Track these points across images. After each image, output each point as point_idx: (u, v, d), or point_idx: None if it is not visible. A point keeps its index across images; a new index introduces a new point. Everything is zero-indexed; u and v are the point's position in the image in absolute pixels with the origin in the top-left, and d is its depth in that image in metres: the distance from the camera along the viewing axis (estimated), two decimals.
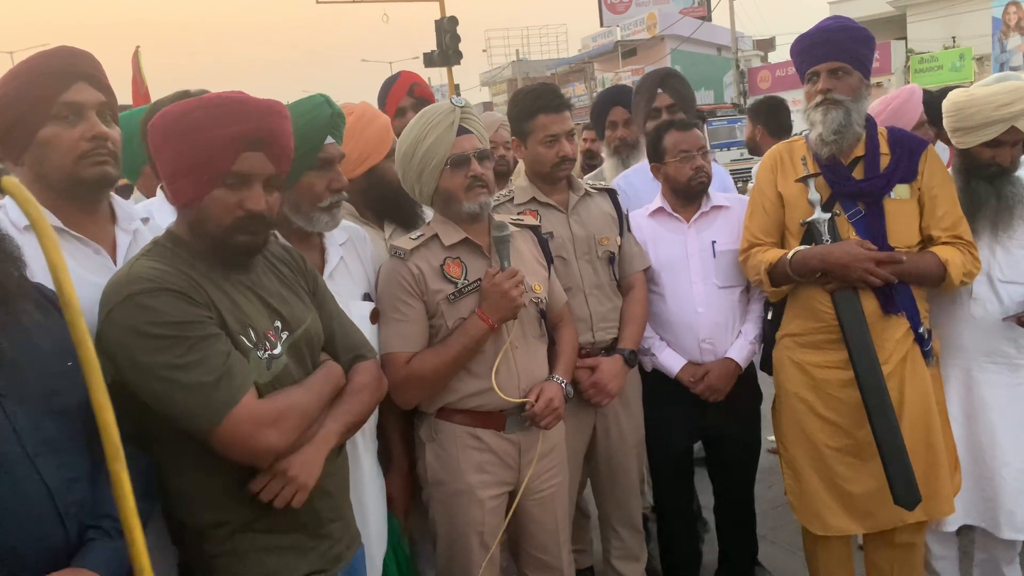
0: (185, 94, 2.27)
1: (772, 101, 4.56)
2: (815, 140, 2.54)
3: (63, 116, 1.62)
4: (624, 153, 3.60)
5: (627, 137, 3.59)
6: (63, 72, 1.62)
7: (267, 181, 1.59)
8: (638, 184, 3.26)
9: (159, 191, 2.29)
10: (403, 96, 3.42)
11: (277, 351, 1.61)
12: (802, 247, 2.52)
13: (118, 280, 1.49)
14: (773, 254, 2.57)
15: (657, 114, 3.25)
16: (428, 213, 2.46)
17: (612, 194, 2.82)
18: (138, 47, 4.06)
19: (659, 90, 3.29)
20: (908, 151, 2.52)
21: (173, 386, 1.44)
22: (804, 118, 2.58)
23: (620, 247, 2.75)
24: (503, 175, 3.51)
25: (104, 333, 1.47)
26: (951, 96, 2.65)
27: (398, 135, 2.35)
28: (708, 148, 2.87)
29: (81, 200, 1.68)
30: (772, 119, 4.56)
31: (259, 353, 1.57)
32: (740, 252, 2.71)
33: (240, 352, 1.53)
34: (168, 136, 1.54)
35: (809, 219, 2.52)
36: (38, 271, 1.51)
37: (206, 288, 1.53)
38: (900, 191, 2.49)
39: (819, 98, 2.48)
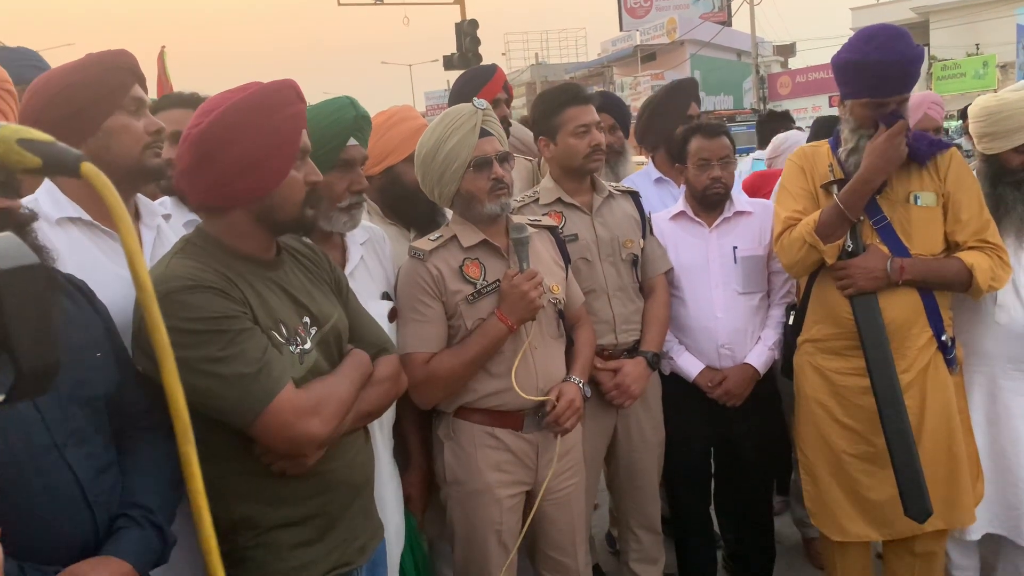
0: (179, 96, 2.34)
1: (831, 121, 4.38)
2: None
3: (131, 109, 1.70)
4: (612, 160, 3.54)
5: (614, 144, 3.55)
6: (129, 70, 1.71)
7: None
8: (641, 186, 3.26)
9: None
10: (499, 90, 3.46)
11: (307, 346, 1.62)
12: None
13: (153, 279, 1.50)
14: (815, 214, 2.48)
15: (690, 121, 3.32)
16: (448, 215, 2.47)
17: (635, 196, 2.82)
18: (163, 47, 4.10)
19: (693, 102, 3.43)
20: (918, 153, 2.47)
21: (214, 379, 1.45)
22: (852, 142, 2.47)
23: (643, 249, 2.75)
24: None
25: (142, 331, 1.48)
26: (980, 102, 2.63)
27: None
28: (732, 157, 2.86)
29: (127, 191, 1.73)
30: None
31: (291, 348, 1.59)
32: (775, 239, 2.60)
33: (274, 347, 1.55)
34: (236, 132, 1.51)
35: None
36: (70, 264, 1.54)
37: (239, 285, 1.55)
38: (926, 199, 2.47)
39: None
